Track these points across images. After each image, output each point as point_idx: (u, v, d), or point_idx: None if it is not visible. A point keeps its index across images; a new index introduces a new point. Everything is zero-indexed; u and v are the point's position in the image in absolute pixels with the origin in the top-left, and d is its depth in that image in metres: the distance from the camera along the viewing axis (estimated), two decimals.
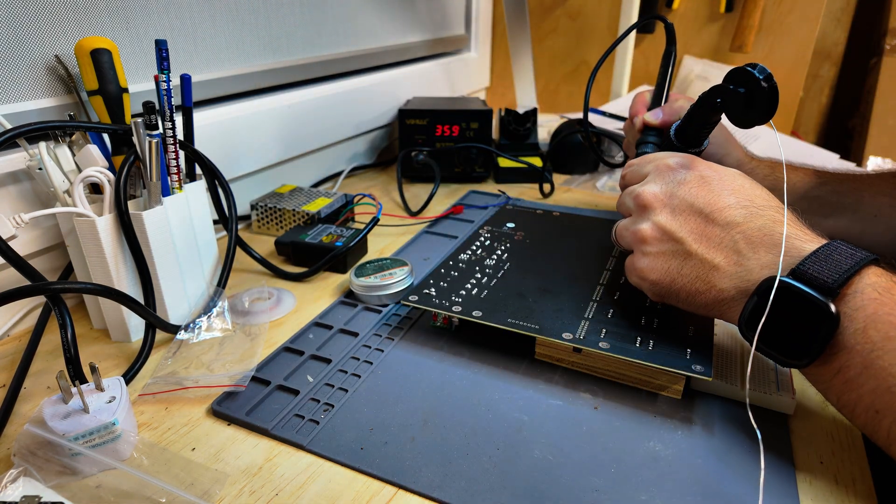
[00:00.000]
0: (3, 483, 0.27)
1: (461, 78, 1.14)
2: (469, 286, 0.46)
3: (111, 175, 0.41)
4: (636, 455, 0.33)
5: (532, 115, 0.88)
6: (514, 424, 0.35)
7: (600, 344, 0.38)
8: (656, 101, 0.57)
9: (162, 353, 0.43)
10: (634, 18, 1.01)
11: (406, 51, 0.97)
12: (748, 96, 0.39)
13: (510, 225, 0.59)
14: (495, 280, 0.47)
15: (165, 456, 0.33)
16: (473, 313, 0.42)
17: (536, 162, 0.82)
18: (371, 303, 0.49)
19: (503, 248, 0.53)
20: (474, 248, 0.53)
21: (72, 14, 0.49)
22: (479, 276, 0.48)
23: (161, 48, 0.43)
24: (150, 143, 0.41)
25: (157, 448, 0.34)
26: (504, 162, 0.83)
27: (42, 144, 0.41)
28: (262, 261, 0.56)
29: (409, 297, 0.44)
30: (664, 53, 0.57)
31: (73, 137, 0.44)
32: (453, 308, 0.43)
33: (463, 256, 0.51)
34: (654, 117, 0.54)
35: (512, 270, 0.49)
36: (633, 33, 1.03)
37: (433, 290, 0.45)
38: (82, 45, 0.44)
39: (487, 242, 0.55)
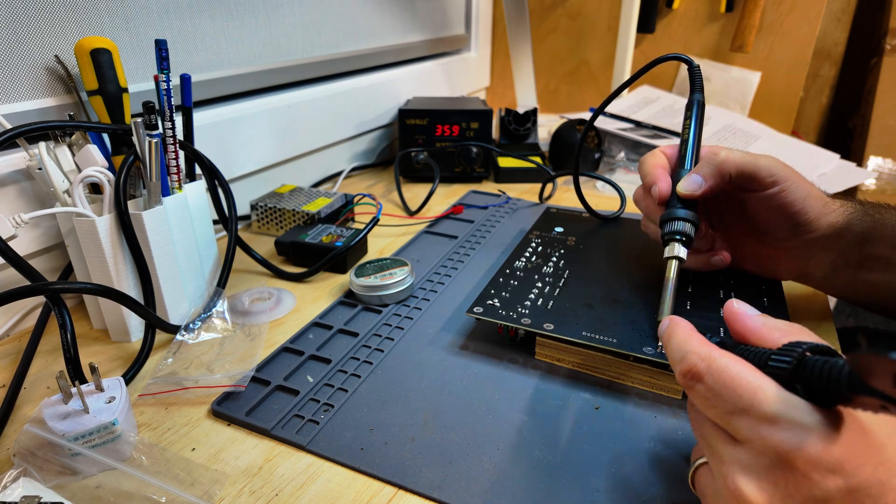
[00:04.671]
0: (3, 483, 0.27)
1: (461, 78, 1.14)
2: (532, 296, 0.44)
3: (111, 175, 0.41)
4: (636, 455, 0.33)
5: (532, 115, 0.88)
6: (514, 424, 0.35)
7: None
8: (683, 162, 0.42)
9: (162, 354, 0.43)
10: (635, 18, 1.01)
11: (406, 51, 0.97)
12: None
13: (559, 229, 0.57)
14: (558, 289, 0.45)
15: (165, 456, 0.33)
16: (545, 326, 0.40)
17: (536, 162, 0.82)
18: (371, 303, 0.49)
19: (558, 254, 0.51)
20: (527, 254, 0.51)
21: (72, 14, 0.49)
22: (539, 285, 0.46)
23: (161, 48, 0.43)
24: (149, 143, 0.41)
25: (157, 448, 0.34)
26: (504, 162, 0.83)
27: (42, 144, 0.41)
28: (262, 261, 0.56)
29: (475, 310, 0.42)
30: (688, 102, 0.44)
31: (73, 137, 0.44)
32: (522, 321, 0.41)
33: (518, 264, 0.49)
34: (693, 186, 0.39)
35: (573, 279, 0.47)
36: (633, 33, 1.03)
37: (496, 300, 0.43)
38: (82, 45, 0.44)
39: (540, 248, 0.52)
